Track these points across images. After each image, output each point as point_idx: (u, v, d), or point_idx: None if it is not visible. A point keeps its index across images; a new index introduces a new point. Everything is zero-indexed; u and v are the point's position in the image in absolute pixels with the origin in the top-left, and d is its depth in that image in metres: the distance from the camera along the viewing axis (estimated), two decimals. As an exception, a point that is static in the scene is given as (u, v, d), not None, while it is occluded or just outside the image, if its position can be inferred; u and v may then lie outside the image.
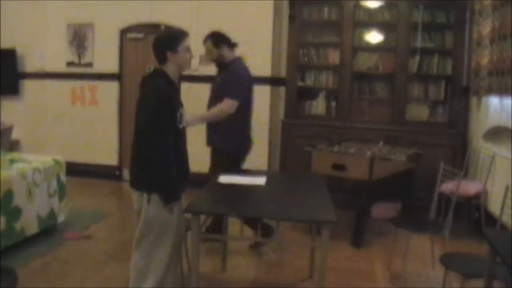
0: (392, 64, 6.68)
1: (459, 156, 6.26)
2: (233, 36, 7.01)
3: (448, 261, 3.33)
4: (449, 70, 6.54)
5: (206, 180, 4.03)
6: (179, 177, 3.23)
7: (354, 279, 4.32)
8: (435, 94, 6.69)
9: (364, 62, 6.85)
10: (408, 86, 6.69)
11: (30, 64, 7.93)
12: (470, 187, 5.42)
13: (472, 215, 5.64)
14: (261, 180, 3.88)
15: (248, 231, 4.77)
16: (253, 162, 6.84)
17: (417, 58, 6.60)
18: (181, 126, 3.25)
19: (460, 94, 6.48)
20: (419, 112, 6.74)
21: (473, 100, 6.30)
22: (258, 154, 7.06)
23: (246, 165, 4.96)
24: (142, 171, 3.14)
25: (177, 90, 3.35)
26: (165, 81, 3.19)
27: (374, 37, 6.80)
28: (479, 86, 5.79)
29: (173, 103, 3.20)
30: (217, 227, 4.55)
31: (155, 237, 3.21)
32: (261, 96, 7.05)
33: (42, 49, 7.86)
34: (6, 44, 7.79)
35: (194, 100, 7.20)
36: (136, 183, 3.22)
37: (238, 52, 4.94)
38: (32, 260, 4.41)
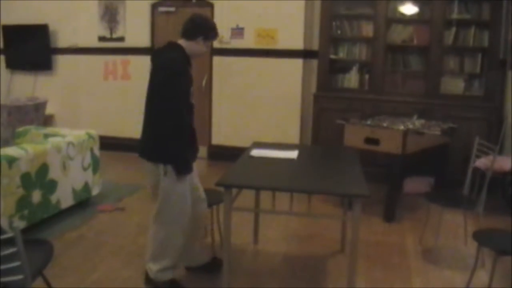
0: (427, 36, 6.52)
1: (495, 131, 6.12)
2: (265, 9, 6.98)
3: (481, 237, 3.29)
4: (485, 43, 6.36)
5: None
6: (192, 150, 3.28)
7: (386, 253, 4.31)
8: (471, 67, 6.53)
9: (398, 34, 6.72)
10: (443, 58, 6.54)
11: (63, 39, 8.03)
12: (505, 163, 5.31)
13: (507, 191, 5.55)
14: (293, 154, 3.87)
15: (280, 205, 4.76)
16: (285, 135, 6.88)
17: (453, 30, 6.43)
18: (192, 101, 3.30)
19: (496, 67, 6.30)
20: (454, 85, 6.59)
21: (510, 73, 6.15)
22: (290, 128, 7.07)
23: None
24: (159, 143, 3.19)
25: (191, 66, 3.35)
26: (181, 55, 3.20)
27: (408, 8, 6.64)
28: (516, 59, 5.64)
29: (187, 77, 3.21)
30: None
31: (173, 208, 3.29)
32: (293, 69, 7.02)
33: (74, 24, 7.92)
34: (38, 20, 7.91)
35: (226, 73, 7.24)
36: (152, 155, 3.26)
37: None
38: (67, 232, 4.52)
